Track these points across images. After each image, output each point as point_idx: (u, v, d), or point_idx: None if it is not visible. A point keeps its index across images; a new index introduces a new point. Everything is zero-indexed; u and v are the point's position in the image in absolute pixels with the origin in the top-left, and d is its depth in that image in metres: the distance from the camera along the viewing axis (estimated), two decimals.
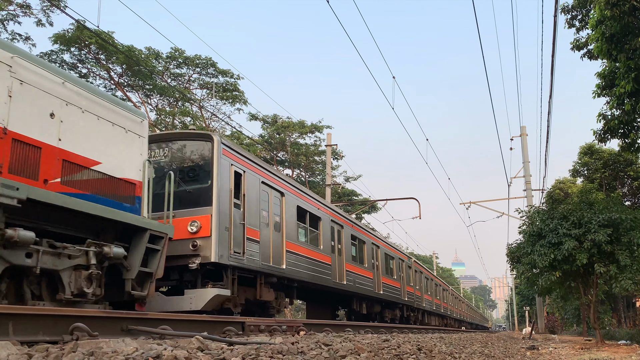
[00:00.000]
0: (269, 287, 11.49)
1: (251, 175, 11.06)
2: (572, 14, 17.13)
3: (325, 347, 5.13)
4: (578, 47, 17.38)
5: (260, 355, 4.20)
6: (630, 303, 36.88)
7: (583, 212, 14.74)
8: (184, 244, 9.24)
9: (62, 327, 4.99)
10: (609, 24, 12.38)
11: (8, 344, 3.80)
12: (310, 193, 14.82)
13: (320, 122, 37.93)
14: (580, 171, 32.79)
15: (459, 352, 7.66)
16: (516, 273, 21.83)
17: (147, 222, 7.80)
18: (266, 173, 11.85)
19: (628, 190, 31.63)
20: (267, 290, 11.35)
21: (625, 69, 12.77)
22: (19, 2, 25.12)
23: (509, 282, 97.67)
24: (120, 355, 3.55)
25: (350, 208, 41.49)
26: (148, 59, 29.94)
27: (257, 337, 6.78)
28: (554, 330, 37.48)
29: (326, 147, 29.80)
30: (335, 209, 16.97)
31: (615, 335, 22.91)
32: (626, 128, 14.80)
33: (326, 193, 28.00)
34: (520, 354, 11.12)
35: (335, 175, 40.25)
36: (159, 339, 5.49)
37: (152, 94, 32.11)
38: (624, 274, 13.93)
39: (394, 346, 6.28)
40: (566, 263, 14.64)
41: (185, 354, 3.75)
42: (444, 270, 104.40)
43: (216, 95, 32.88)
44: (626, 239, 14.07)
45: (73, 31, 26.54)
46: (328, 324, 11.89)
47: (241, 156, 10.87)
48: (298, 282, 12.97)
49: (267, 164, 12.90)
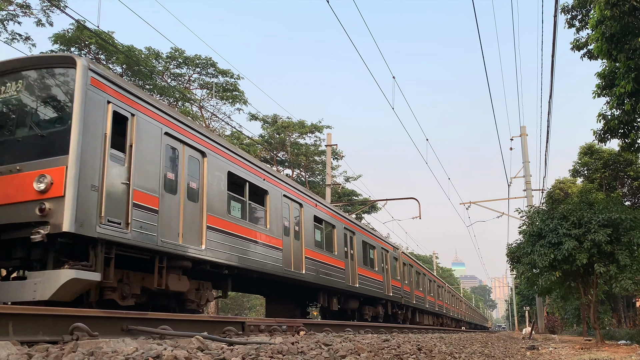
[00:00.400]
0: (179, 273, 9.03)
1: (146, 122, 8.39)
2: (572, 14, 17.15)
3: (325, 347, 5.13)
4: (578, 47, 17.39)
5: (260, 355, 4.21)
6: (630, 303, 36.88)
7: (583, 212, 14.75)
8: (28, 207, 6.88)
9: (62, 327, 4.99)
10: (609, 24, 12.38)
11: (8, 344, 3.80)
12: (244, 155, 11.75)
13: (320, 122, 37.99)
14: (580, 171, 32.81)
15: (459, 352, 7.66)
16: (516, 273, 21.83)
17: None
18: (175, 123, 9.16)
19: (628, 190, 31.65)
20: (176, 278, 8.90)
21: (625, 69, 12.77)
22: (19, 2, 25.10)
23: (509, 282, 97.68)
24: (120, 355, 3.55)
25: (350, 208, 41.49)
26: (148, 59, 29.95)
27: (257, 337, 6.78)
28: (554, 330, 37.49)
29: (326, 147, 29.81)
30: (291, 183, 13.77)
31: (615, 335, 22.91)
32: (626, 128, 14.81)
33: (326, 193, 28.00)
34: (520, 354, 11.12)
35: (335, 175, 40.26)
36: (159, 339, 5.50)
37: (152, 94, 32.12)
38: (624, 274, 13.94)
39: (394, 346, 6.28)
40: (566, 263, 14.64)
41: (185, 354, 3.75)
42: (444, 270, 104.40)
43: (216, 95, 32.89)
44: (626, 239, 14.08)
45: (73, 31, 26.54)
46: (328, 324, 11.84)
47: (129, 93, 8.19)
48: (231, 268, 10.37)
49: (183, 117, 9.89)
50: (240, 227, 10.75)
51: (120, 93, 8.00)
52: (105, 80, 7.78)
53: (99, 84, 7.65)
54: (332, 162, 31.80)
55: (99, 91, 7.59)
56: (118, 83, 8.07)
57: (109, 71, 8.60)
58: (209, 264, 9.69)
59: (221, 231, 10.02)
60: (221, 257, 9.91)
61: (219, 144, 10.55)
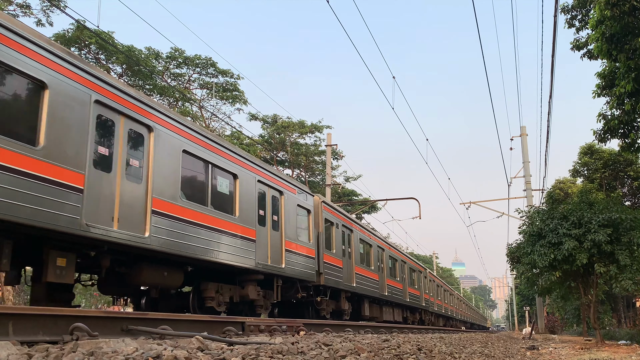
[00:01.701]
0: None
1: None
2: (572, 14, 17.16)
3: (325, 347, 5.13)
4: (578, 47, 17.39)
5: (260, 355, 4.20)
6: (630, 303, 36.89)
7: (583, 212, 14.75)
8: None
9: (62, 327, 4.99)
10: (609, 24, 12.38)
11: (8, 344, 3.80)
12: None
13: (320, 122, 38.02)
14: (580, 171, 32.84)
15: (459, 352, 7.66)
16: (516, 273, 21.85)
17: None
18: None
19: (628, 190, 31.67)
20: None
21: (625, 69, 12.77)
22: (19, 2, 25.14)
23: (509, 282, 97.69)
24: (120, 355, 3.55)
25: (350, 208, 41.52)
26: (148, 59, 29.96)
27: (257, 337, 6.78)
28: (554, 330, 37.49)
29: (326, 147, 29.82)
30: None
31: (615, 335, 22.92)
32: (626, 128, 14.81)
33: (326, 193, 28.01)
34: (520, 354, 11.12)
35: (335, 175, 40.29)
36: (159, 339, 5.50)
37: (152, 94, 32.13)
38: (624, 274, 13.94)
39: (394, 346, 6.28)
40: (566, 263, 14.64)
41: (185, 354, 3.75)
42: (444, 270, 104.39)
43: (216, 95, 32.90)
44: (626, 239, 14.08)
45: (73, 31, 26.56)
46: (328, 324, 11.83)
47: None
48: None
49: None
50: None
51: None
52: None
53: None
54: (332, 162, 31.81)
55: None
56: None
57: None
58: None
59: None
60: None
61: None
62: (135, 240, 7.88)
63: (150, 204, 8.28)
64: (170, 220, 8.70)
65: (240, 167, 11.11)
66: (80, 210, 6.98)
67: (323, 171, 38.98)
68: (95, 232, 7.20)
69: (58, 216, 6.67)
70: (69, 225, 6.80)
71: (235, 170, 10.90)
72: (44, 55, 6.87)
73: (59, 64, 7.07)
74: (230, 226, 10.48)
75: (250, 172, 11.49)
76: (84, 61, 7.78)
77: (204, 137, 10.10)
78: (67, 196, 6.85)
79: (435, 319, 35.11)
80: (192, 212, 9.31)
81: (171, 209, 8.78)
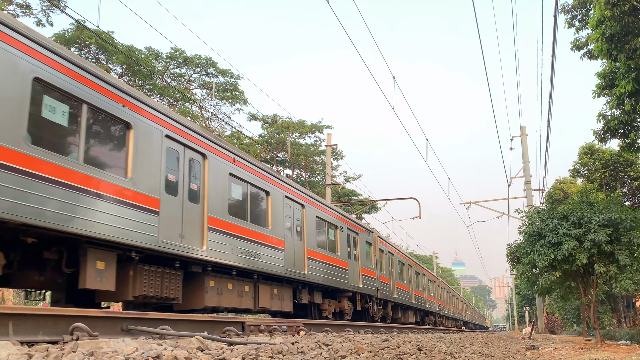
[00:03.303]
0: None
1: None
2: (572, 14, 17.18)
3: (325, 347, 5.13)
4: (578, 47, 17.42)
5: (260, 355, 4.21)
6: (630, 303, 36.89)
7: (583, 212, 14.75)
8: None
9: (62, 327, 4.99)
10: (609, 24, 12.39)
11: (8, 344, 3.80)
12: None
13: (320, 122, 37.99)
14: (580, 171, 32.85)
15: (459, 352, 7.66)
16: (516, 273, 21.84)
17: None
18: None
19: (628, 190, 31.68)
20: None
21: (625, 69, 12.78)
22: (19, 2, 25.13)
23: (509, 282, 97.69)
24: (120, 355, 3.55)
25: (350, 208, 41.50)
26: (148, 59, 29.94)
27: (257, 337, 6.78)
28: (554, 330, 37.47)
29: (326, 147, 29.79)
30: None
31: (615, 335, 22.91)
32: (626, 128, 14.82)
33: (326, 193, 28.00)
34: (520, 354, 11.13)
35: (335, 175, 40.27)
36: (159, 339, 5.49)
37: (152, 94, 32.12)
38: (624, 274, 13.95)
39: (394, 346, 6.28)
40: (566, 263, 14.64)
41: (185, 354, 3.75)
42: (444, 270, 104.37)
43: (216, 95, 32.90)
44: (626, 239, 14.08)
45: (73, 31, 26.55)
46: (328, 324, 11.85)
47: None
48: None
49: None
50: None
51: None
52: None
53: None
54: (332, 162, 31.81)
55: None
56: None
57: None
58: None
59: None
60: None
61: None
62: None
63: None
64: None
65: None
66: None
67: (323, 171, 38.96)
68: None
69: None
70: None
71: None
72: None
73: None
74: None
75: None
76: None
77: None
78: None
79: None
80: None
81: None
